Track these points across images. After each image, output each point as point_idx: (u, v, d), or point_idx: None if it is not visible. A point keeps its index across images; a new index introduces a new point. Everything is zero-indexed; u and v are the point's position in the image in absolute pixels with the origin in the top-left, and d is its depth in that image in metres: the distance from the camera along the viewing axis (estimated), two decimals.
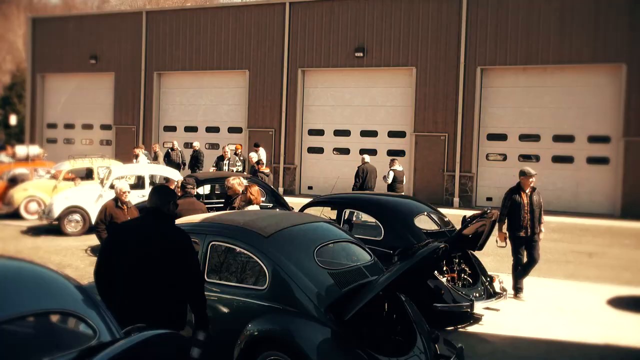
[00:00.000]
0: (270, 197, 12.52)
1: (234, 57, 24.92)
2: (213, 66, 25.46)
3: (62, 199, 14.83)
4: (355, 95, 23.12)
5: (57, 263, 11.32)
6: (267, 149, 22.15)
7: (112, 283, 4.72)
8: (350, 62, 22.80)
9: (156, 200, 4.85)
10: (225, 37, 25.04)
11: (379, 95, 22.72)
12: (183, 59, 26.07)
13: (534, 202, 9.44)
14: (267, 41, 24.21)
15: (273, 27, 24.05)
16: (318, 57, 23.39)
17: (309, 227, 6.35)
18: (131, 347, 2.90)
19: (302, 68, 23.69)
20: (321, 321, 5.29)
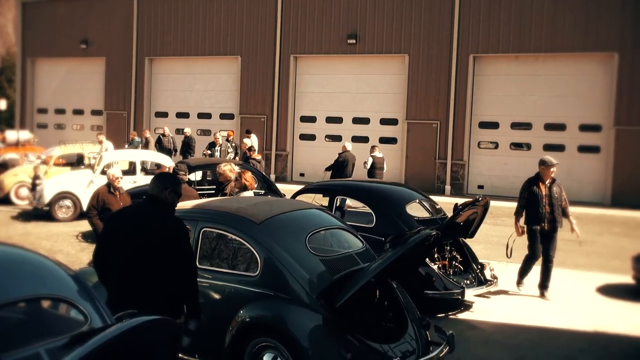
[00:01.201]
0: (262, 184, 12.52)
1: (226, 42, 24.79)
2: (205, 52, 25.32)
3: (53, 185, 14.77)
4: (347, 82, 23.06)
5: (47, 249, 11.28)
6: (259, 136, 22.08)
7: (109, 269, 4.73)
8: (342, 49, 22.73)
9: (154, 187, 4.84)
10: (217, 22, 24.89)
11: (372, 82, 22.67)
12: (174, 44, 25.91)
13: (554, 194, 8.78)
14: (259, 27, 24.09)
15: (265, 13, 23.92)
16: (310, 44, 23.29)
17: (300, 214, 6.35)
18: (122, 333, 2.90)
19: (294, 54, 23.60)
20: (313, 308, 5.30)
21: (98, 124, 28.14)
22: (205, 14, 25.13)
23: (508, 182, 20.33)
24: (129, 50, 26.84)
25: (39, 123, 29.83)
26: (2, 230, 13.47)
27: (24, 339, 3.52)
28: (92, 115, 28.49)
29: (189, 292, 4.76)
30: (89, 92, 28.31)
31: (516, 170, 20.35)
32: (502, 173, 20.78)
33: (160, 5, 26.18)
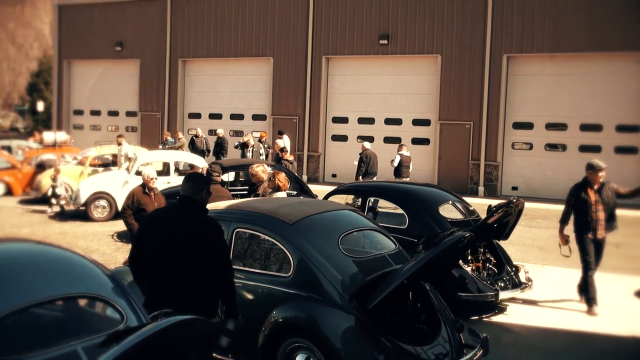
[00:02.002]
0: (295, 185, 12.54)
1: (258, 44, 24.90)
2: (237, 53, 25.48)
3: (88, 185, 15.00)
4: (379, 82, 23.00)
5: (84, 248, 11.46)
6: (291, 137, 22.15)
7: (145, 269, 4.78)
8: (374, 50, 22.67)
9: (188, 189, 4.88)
10: (249, 23, 25.03)
11: (404, 83, 22.57)
12: (207, 45, 26.12)
13: (605, 199, 8.28)
14: (291, 28, 24.16)
15: (297, 14, 23.98)
16: (342, 45, 23.28)
17: (333, 215, 6.35)
18: (158, 332, 2.93)
19: (326, 55, 23.61)
20: (345, 309, 5.30)
21: (132, 125, 28.49)
22: (237, 16, 25.29)
23: (543, 184, 20.07)
24: (163, 52, 27.14)
25: (75, 124, 30.32)
26: (40, 229, 13.72)
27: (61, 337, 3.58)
28: (126, 117, 28.86)
29: (226, 292, 4.81)
30: (123, 94, 28.69)
31: (551, 171, 20.08)
32: (537, 174, 20.51)
33: (194, 7, 26.41)
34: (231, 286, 4.84)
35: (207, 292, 4.72)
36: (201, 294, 4.68)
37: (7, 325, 3.45)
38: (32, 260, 4.03)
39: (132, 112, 28.53)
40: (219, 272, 4.73)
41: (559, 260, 9.34)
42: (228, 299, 4.82)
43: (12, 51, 57.77)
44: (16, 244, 4.60)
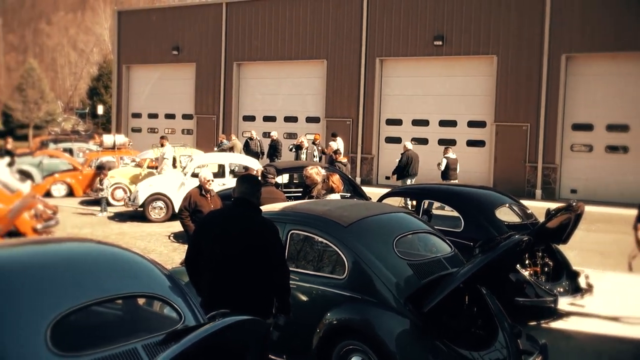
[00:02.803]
0: (348, 187, 12.51)
1: (312, 46, 25.01)
2: (291, 56, 25.64)
3: (146, 186, 15.31)
4: (434, 84, 22.79)
5: (142, 248, 11.69)
6: (345, 139, 22.15)
7: (201, 271, 4.84)
8: (429, 51, 22.47)
9: (245, 190, 4.92)
10: (303, 26, 25.15)
11: (459, 84, 22.30)
12: (262, 49, 26.36)
13: None
14: (344, 30, 24.17)
15: (351, 17, 23.98)
16: (396, 46, 23.16)
17: (388, 218, 6.31)
18: (216, 332, 2.96)
19: (379, 57, 23.53)
20: (400, 312, 5.26)
21: (188, 127, 28.97)
22: (291, 19, 25.45)
23: (603, 187, 19.52)
24: (218, 56, 27.52)
25: (133, 127, 31.01)
26: (100, 229, 14.07)
27: (121, 335, 3.66)
28: (182, 119, 29.36)
29: (282, 290, 4.85)
30: (180, 97, 29.21)
31: (612, 174, 19.52)
32: (597, 177, 19.95)
33: (248, 11, 26.71)
34: (286, 286, 4.87)
35: (263, 292, 4.75)
36: (257, 294, 4.71)
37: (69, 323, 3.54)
38: (93, 260, 4.13)
39: (188, 114, 29.01)
40: (275, 273, 4.77)
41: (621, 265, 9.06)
42: (282, 297, 4.86)
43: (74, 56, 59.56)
44: (77, 243, 4.72)
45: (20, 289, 3.56)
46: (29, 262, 3.98)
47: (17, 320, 3.33)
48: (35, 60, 51.94)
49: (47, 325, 3.28)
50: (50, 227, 10.75)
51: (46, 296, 3.52)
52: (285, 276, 4.84)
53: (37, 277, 3.72)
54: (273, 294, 4.85)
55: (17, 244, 4.72)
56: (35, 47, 67.10)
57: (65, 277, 3.75)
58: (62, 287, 3.64)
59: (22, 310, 3.40)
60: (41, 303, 3.45)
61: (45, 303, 3.45)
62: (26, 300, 3.47)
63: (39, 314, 3.35)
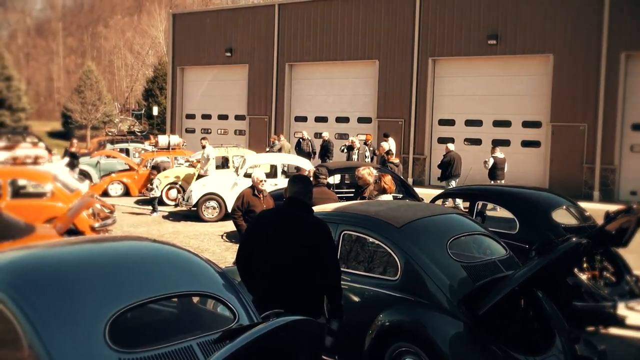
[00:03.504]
0: (400, 188, 12.43)
1: (364, 47, 24.94)
2: (343, 57, 25.63)
3: (200, 186, 15.53)
4: (487, 84, 22.45)
5: (195, 247, 11.85)
6: (397, 139, 22.02)
7: (252, 270, 4.87)
8: (483, 50, 22.13)
9: (297, 190, 4.93)
10: (355, 27, 25.11)
11: (513, 83, 21.91)
12: (314, 49, 26.44)
13: None
14: (397, 31, 24.02)
15: (403, 16, 23.82)
16: (449, 46, 22.90)
17: (441, 219, 6.25)
18: (270, 331, 2.97)
19: (432, 57, 23.30)
20: (454, 314, 5.20)
21: (241, 128, 29.27)
22: (343, 20, 25.44)
23: None
24: (270, 57, 27.72)
25: (187, 128, 31.50)
26: (155, 228, 14.34)
27: (177, 332, 3.71)
28: (235, 120, 29.68)
29: (333, 292, 4.81)
30: (232, 98, 29.54)
31: None
32: None
33: (300, 12, 26.82)
34: (338, 287, 4.84)
35: (313, 293, 4.75)
36: (309, 294, 4.72)
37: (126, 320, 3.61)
38: (149, 258, 4.20)
39: (240, 115, 29.31)
40: (326, 273, 4.74)
41: None
42: (334, 299, 4.82)
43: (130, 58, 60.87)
44: (134, 242, 4.82)
45: (80, 286, 3.65)
46: (87, 260, 4.08)
47: (77, 317, 3.41)
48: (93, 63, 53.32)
49: (106, 322, 3.36)
50: (107, 225, 11.01)
51: (104, 293, 3.60)
52: (336, 277, 4.81)
53: (96, 274, 3.81)
54: (324, 294, 4.83)
55: (76, 242, 4.84)
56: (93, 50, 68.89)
57: (123, 275, 3.83)
58: (120, 285, 3.71)
59: (81, 307, 3.48)
60: (99, 300, 3.53)
61: (104, 300, 3.53)
62: (85, 298, 3.56)
63: (98, 311, 3.43)
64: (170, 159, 20.65)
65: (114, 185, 19.73)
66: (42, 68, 68.78)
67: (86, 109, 41.65)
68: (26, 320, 3.34)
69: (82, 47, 70.62)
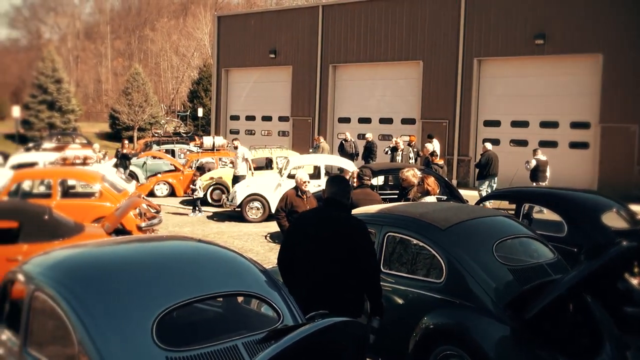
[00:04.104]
0: (444, 190, 12.31)
1: (408, 48, 24.80)
2: (387, 57, 25.53)
3: (244, 187, 15.65)
4: (534, 84, 22.06)
5: (239, 247, 11.94)
6: (441, 140, 21.83)
7: (294, 270, 4.90)
8: (529, 50, 21.77)
9: (335, 191, 4.97)
10: (399, 28, 24.99)
11: (561, 84, 21.49)
12: (357, 51, 26.40)
13: None
14: (441, 31, 23.82)
15: (448, 17, 23.60)
16: (495, 46, 22.60)
17: (487, 221, 6.16)
18: (315, 332, 2.97)
19: (477, 57, 23.04)
20: (500, 318, 5.12)
21: (284, 129, 29.41)
22: (387, 21, 25.34)
23: None
24: (314, 58, 27.79)
25: (231, 129, 31.80)
26: (199, 228, 14.50)
27: (223, 332, 3.75)
28: (279, 121, 29.84)
29: (373, 291, 4.83)
30: (276, 100, 29.70)
31: None
32: None
33: (344, 13, 26.82)
34: (377, 285, 4.86)
35: (354, 292, 4.77)
36: (349, 294, 4.73)
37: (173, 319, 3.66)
38: (195, 258, 4.25)
39: (284, 117, 29.45)
40: (366, 272, 4.76)
41: None
42: (374, 298, 4.85)
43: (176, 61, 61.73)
44: (179, 242, 4.89)
45: (128, 285, 3.71)
46: (135, 259, 4.15)
47: (125, 315, 3.47)
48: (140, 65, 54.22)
49: (153, 320, 3.40)
50: (154, 225, 11.17)
51: (152, 292, 3.66)
52: (375, 276, 4.83)
53: (143, 273, 3.87)
54: (364, 293, 4.85)
55: (124, 242, 4.93)
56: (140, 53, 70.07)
57: (169, 275, 3.88)
58: (167, 284, 3.76)
59: (129, 305, 3.54)
60: (147, 299, 3.59)
61: (151, 299, 3.58)
62: (133, 296, 3.62)
63: (145, 310, 3.48)
64: (215, 159, 20.87)
65: (160, 186, 20.02)
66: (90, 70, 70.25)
67: (133, 111, 42.37)
68: (76, 317, 3.41)
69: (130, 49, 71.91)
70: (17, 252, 7.65)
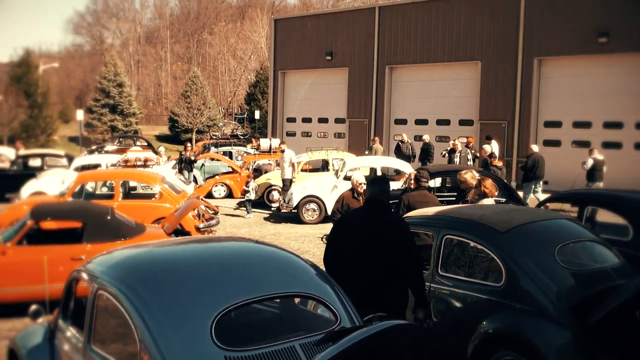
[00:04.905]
0: (503, 192, 12.09)
1: (465, 48, 24.47)
2: (444, 58, 25.25)
3: (300, 189, 15.72)
4: (597, 84, 21.43)
5: (295, 249, 12.00)
6: (500, 142, 21.45)
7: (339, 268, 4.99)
8: (592, 49, 21.15)
9: (378, 191, 5.16)
10: (457, 28, 24.68)
11: (625, 83, 20.78)
12: (414, 52, 26.20)
13: None
14: (500, 31, 23.40)
15: (507, 16, 23.16)
16: (556, 45, 22.05)
17: (549, 224, 6.01)
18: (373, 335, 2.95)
19: (537, 57, 22.54)
20: (562, 323, 4.99)
21: (340, 131, 29.43)
22: (444, 21, 25.07)
23: None
24: (370, 60, 27.71)
25: (288, 131, 32.00)
26: (256, 229, 14.64)
27: (280, 332, 3.76)
28: (335, 123, 29.88)
29: (417, 285, 5.02)
30: (332, 101, 29.74)
31: None
32: None
33: (401, 14, 26.66)
34: (421, 278, 5.06)
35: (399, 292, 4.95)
36: (393, 290, 4.90)
37: (231, 319, 3.69)
38: (252, 259, 4.29)
39: (340, 119, 29.47)
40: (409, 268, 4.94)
41: None
42: (418, 291, 5.03)
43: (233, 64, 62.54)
44: (237, 243, 4.94)
45: (188, 284, 3.77)
46: (195, 259, 4.21)
47: (185, 314, 3.52)
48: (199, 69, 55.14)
49: (212, 320, 3.44)
50: (212, 226, 11.32)
51: (211, 292, 3.70)
52: (418, 270, 5.01)
53: (202, 274, 3.92)
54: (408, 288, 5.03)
55: (184, 242, 5.01)
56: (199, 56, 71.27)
57: (228, 275, 3.92)
58: (225, 284, 3.80)
59: (189, 304, 3.59)
60: (206, 299, 3.63)
61: (210, 299, 3.62)
62: (193, 296, 3.67)
63: (205, 309, 3.52)
64: (272, 161, 21.02)
65: (217, 187, 20.30)
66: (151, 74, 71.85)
67: (192, 114, 43.13)
68: (138, 316, 3.48)
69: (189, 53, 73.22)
70: (81, 251, 7.88)
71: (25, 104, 38.89)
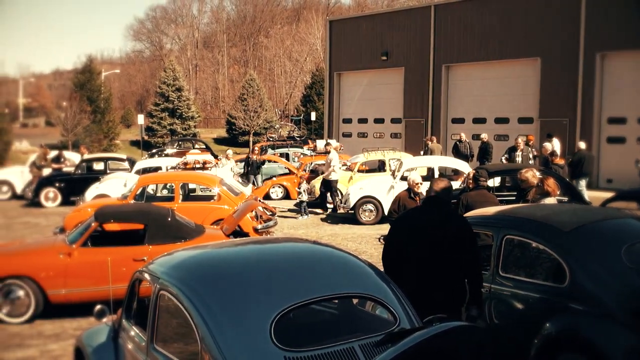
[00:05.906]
0: (566, 191, 11.78)
1: (525, 45, 23.95)
2: (502, 55, 24.81)
3: (357, 190, 15.69)
4: None
5: (352, 249, 11.97)
6: (561, 140, 20.93)
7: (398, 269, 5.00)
8: None
9: (436, 189, 5.20)
10: (515, 24, 24.20)
11: None
12: (471, 50, 25.83)
13: None
14: (560, 27, 22.83)
15: (567, 12, 22.57)
16: (618, 39, 21.34)
17: (615, 223, 5.83)
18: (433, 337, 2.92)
19: (599, 52, 21.90)
20: (629, 326, 4.83)
21: (397, 131, 29.26)
22: (502, 18, 24.63)
23: None
24: (426, 59, 27.46)
25: (344, 132, 32.00)
26: (313, 230, 14.68)
27: (339, 333, 3.75)
28: (391, 123, 29.72)
29: (475, 282, 5.01)
30: (388, 102, 29.60)
31: None
32: None
33: (456, 12, 26.33)
34: (479, 275, 5.04)
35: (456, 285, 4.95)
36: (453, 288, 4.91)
37: (290, 320, 3.70)
38: (311, 259, 4.29)
39: (396, 119, 29.30)
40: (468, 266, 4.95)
41: None
42: (475, 288, 5.02)
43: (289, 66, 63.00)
44: (295, 244, 4.95)
45: (247, 285, 3.80)
46: (254, 260, 4.24)
47: (245, 315, 3.55)
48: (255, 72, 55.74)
49: (272, 320, 3.46)
50: (269, 227, 11.40)
51: (270, 293, 3.72)
52: (477, 267, 5.00)
53: (262, 274, 3.95)
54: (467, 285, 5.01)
55: (242, 243, 5.06)
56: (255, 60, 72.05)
57: (287, 276, 3.94)
58: (284, 285, 3.82)
59: (249, 305, 3.62)
60: (266, 299, 3.65)
61: (270, 299, 3.64)
62: (252, 296, 3.69)
63: (264, 309, 3.54)
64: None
65: (275, 189, 20.45)
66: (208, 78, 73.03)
67: (249, 116, 43.59)
68: (199, 316, 3.52)
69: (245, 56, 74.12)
70: (143, 252, 8.05)
71: (89, 110, 40.04)
